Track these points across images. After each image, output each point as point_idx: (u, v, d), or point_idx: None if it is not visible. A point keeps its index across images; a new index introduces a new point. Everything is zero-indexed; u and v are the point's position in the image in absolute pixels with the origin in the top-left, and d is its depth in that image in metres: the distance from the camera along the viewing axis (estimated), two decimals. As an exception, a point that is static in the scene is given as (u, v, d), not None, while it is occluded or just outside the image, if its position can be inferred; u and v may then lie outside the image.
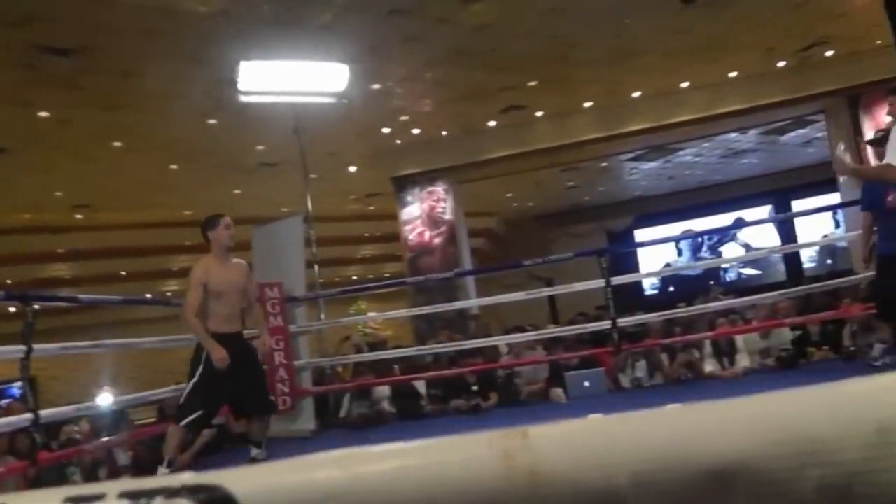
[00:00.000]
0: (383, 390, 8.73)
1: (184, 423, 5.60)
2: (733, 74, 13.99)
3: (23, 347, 5.29)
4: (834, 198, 15.69)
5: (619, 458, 0.65)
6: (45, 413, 5.47)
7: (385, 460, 0.70)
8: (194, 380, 5.64)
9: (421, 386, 8.73)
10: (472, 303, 12.66)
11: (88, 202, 15.81)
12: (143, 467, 6.72)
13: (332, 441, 7.64)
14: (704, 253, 23.58)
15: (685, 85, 14.24)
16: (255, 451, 6.00)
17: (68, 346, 6.39)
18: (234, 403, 6.09)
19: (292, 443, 7.82)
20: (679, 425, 0.67)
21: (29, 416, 5.25)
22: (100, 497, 0.69)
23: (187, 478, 0.71)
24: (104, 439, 6.28)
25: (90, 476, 5.94)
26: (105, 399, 10.39)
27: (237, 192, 16.49)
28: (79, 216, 16.47)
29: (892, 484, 0.60)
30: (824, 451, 0.61)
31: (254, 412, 6.08)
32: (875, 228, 6.20)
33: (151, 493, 0.68)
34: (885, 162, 4.91)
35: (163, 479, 0.71)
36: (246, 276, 6.06)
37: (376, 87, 12.03)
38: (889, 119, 5.60)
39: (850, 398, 0.66)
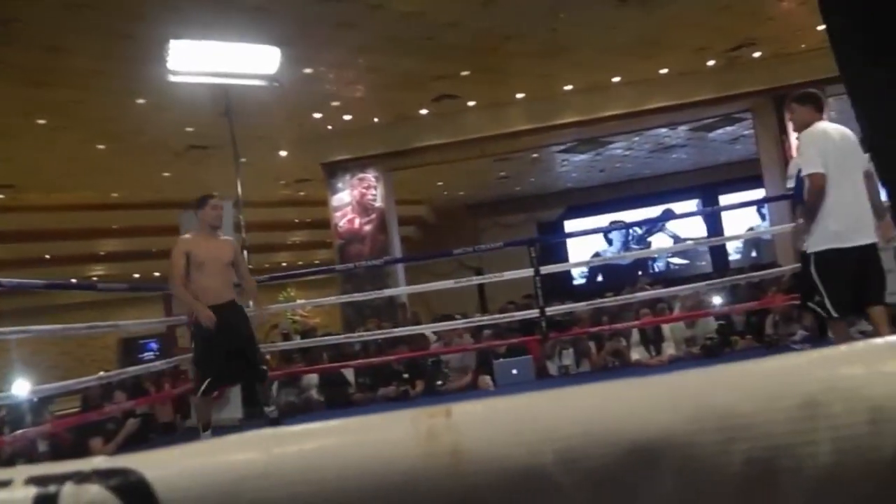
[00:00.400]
0: (311, 378, 8.67)
1: (200, 393, 6.08)
2: (664, 71, 14.19)
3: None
4: (760, 193, 16.07)
5: (544, 434, 0.64)
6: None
7: (304, 440, 0.69)
8: (196, 350, 6.09)
9: (349, 374, 8.70)
10: (402, 290, 12.65)
11: (12, 182, 15.36)
12: (65, 456, 6.56)
13: (259, 428, 7.55)
14: (633, 244, 23.95)
15: (616, 80, 14.39)
16: (268, 409, 6.52)
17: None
18: (230, 371, 6.25)
19: (218, 432, 7.71)
20: (603, 401, 0.68)
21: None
22: (5, 483, 0.66)
23: (99, 462, 0.68)
24: (20, 431, 6.08)
25: (6, 465, 5.75)
26: (22, 388, 10.13)
27: (166, 174, 16.18)
28: (1, 196, 16.01)
29: (815, 456, 0.60)
30: (749, 425, 0.61)
31: (246, 380, 6.51)
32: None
33: (61, 479, 0.66)
34: (803, 174, 5.12)
35: (74, 463, 0.68)
36: (233, 251, 6.29)
37: (308, 71, 11.89)
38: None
39: (774, 374, 0.66)
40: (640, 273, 20.46)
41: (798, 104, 5.35)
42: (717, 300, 9.47)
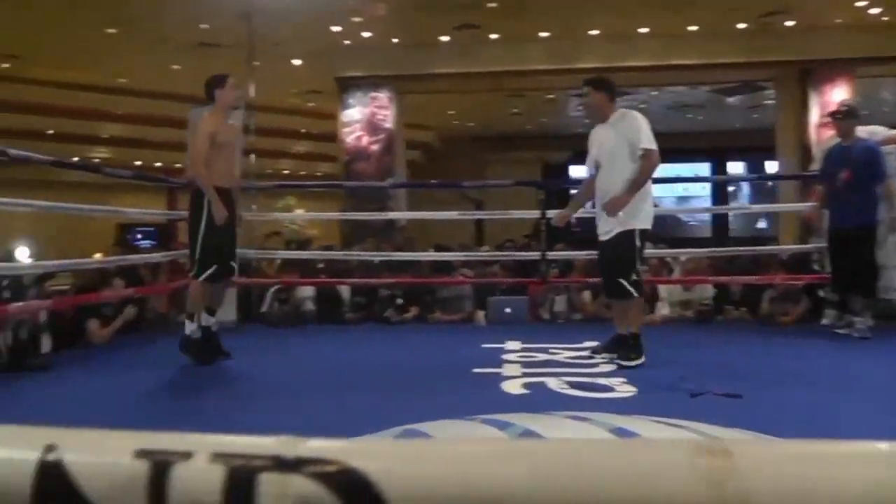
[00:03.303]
0: (307, 290, 8.70)
1: (203, 277, 5.68)
2: (693, 28, 14.00)
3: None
4: (770, 165, 15.99)
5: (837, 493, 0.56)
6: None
7: (568, 454, 0.60)
8: (201, 234, 5.65)
9: (345, 291, 8.73)
10: (405, 215, 12.64)
11: (18, 53, 15.15)
12: (64, 334, 6.59)
13: (253, 334, 7.62)
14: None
15: (643, 31, 14.20)
16: (189, 326, 5.76)
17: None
18: (230, 261, 5.98)
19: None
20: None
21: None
22: (187, 455, 0.60)
23: (303, 447, 0.61)
24: (22, 303, 6.08)
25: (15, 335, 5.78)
26: (23, 255, 10.18)
27: (175, 67, 15.98)
28: (6, 65, 15.79)
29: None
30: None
31: (231, 273, 6.06)
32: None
33: (253, 462, 0.60)
34: None
35: (262, 442, 0.62)
36: (239, 135, 6.33)
37: (333, -18, 11.72)
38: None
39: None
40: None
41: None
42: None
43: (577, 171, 23.52)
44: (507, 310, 8.19)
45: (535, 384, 4.61)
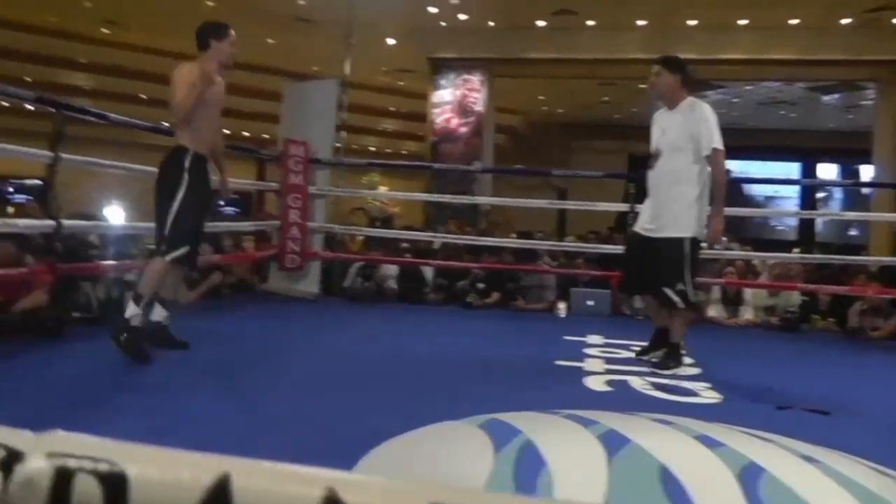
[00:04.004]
0: (391, 269, 8.78)
1: (171, 257, 4.57)
2: (793, 21, 13.65)
3: (50, 154, 5.20)
4: (866, 170, 15.45)
5: None
6: (67, 223, 5.43)
7: None
8: (177, 204, 4.55)
9: (428, 272, 8.78)
10: (491, 200, 12.61)
11: (117, 19, 15.55)
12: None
13: (335, 308, 7.73)
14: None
15: (743, 22, 13.91)
16: (133, 309, 4.52)
17: (94, 162, 6.31)
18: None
19: (294, 303, 7.90)
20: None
21: (51, 223, 5.20)
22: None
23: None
24: (121, 261, 6.26)
25: (107, 292, 5.98)
26: (115, 214, 10.44)
27: (270, 41, 16.21)
28: (105, 30, 16.20)
29: None
30: None
31: (196, 259, 5.02)
32: None
33: None
34: None
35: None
36: (223, 98, 5.12)
37: (434, -37, 11.72)
38: None
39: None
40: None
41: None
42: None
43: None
44: (590, 302, 8.15)
45: (617, 382, 4.58)
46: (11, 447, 0.62)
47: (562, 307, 8.14)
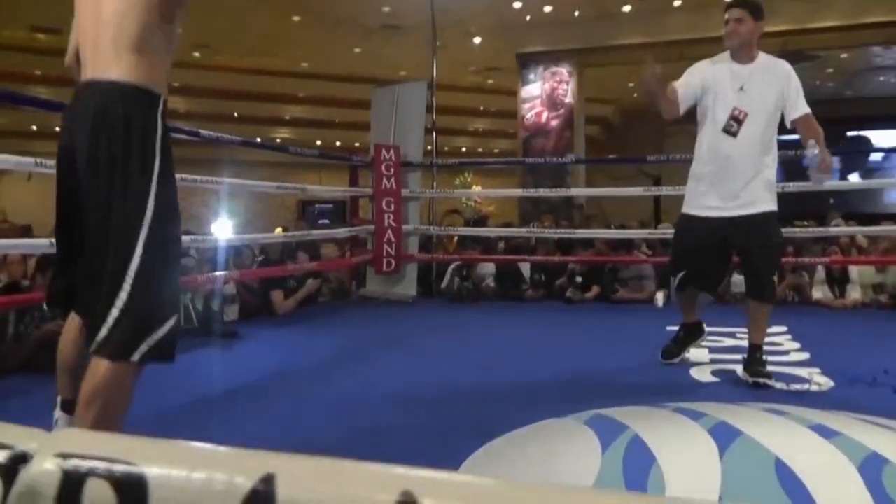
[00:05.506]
0: (488, 267, 8.76)
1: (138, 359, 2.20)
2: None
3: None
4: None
5: None
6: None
7: None
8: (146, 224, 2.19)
9: (525, 269, 8.71)
10: (583, 191, 12.48)
11: (208, 43, 15.91)
12: (251, 303, 6.90)
13: (433, 310, 7.74)
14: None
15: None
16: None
17: (188, 179, 6.44)
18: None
19: (393, 306, 7.94)
20: None
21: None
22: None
23: None
24: (220, 273, 6.38)
25: (206, 304, 6.12)
26: (222, 229, 10.68)
27: (357, 50, 16.37)
28: (197, 55, 16.60)
29: None
30: None
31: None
32: None
33: None
34: None
35: None
36: None
37: (515, -42, 11.62)
38: None
39: None
40: (831, 201, 19.22)
41: None
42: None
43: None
44: (691, 290, 7.93)
45: (724, 372, 4.45)
46: (15, 448, 0.56)
47: (660, 297, 7.95)
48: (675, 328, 4.95)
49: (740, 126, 4.26)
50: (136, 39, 2.17)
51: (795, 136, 4.36)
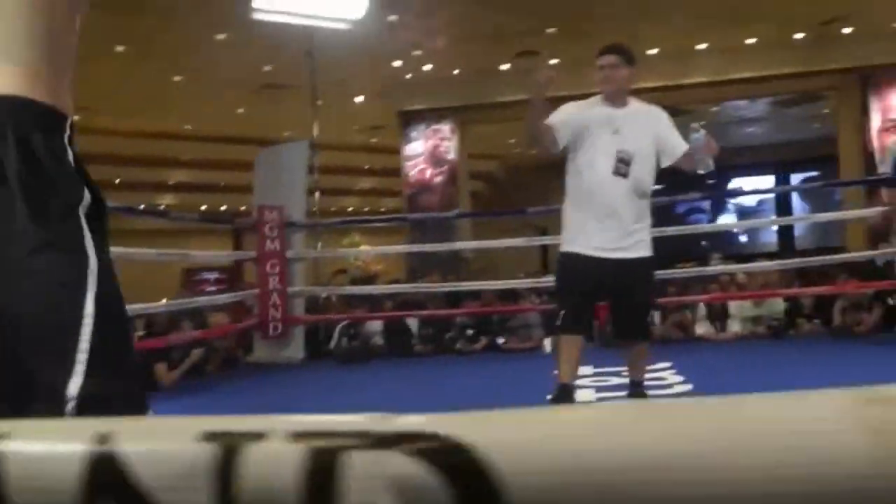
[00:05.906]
0: (375, 325, 8.73)
1: None
2: (750, 41, 13.83)
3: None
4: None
5: None
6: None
7: (705, 412, 0.54)
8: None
9: (413, 324, 8.73)
10: (469, 244, 12.59)
11: (87, 105, 15.60)
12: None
13: (322, 372, 7.66)
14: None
15: (701, 47, 14.07)
16: None
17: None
18: None
19: (280, 371, 7.82)
20: None
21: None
22: (260, 436, 0.55)
23: (403, 422, 0.57)
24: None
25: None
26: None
27: (240, 111, 16.29)
28: (76, 117, 16.22)
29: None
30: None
31: None
32: None
33: (336, 439, 0.54)
34: None
35: (354, 420, 0.57)
36: None
37: (393, 18, 11.81)
38: None
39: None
40: (703, 243, 19.93)
41: None
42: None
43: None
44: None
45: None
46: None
47: (547, 343, 8.07)
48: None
49: (628, 167, 4.26)
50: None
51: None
